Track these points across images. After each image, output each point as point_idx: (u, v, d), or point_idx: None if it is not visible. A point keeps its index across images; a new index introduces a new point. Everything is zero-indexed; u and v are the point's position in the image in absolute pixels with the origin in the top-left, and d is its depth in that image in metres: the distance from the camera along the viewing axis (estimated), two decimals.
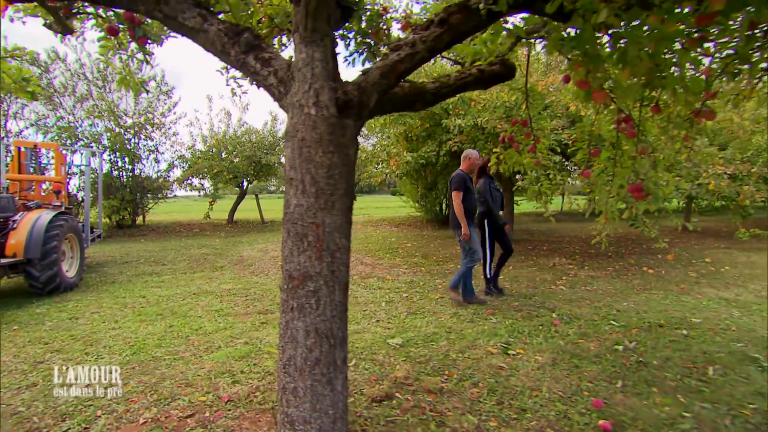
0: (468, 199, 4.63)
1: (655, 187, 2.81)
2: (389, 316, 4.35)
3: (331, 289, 1.68)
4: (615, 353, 3.21)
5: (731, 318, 4.12)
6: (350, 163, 1.75)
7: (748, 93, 2.98)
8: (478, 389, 2.65)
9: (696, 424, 2.26)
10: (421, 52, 1.87)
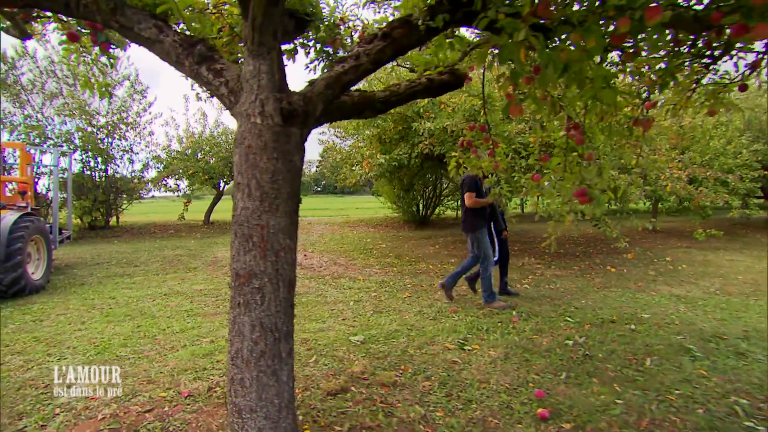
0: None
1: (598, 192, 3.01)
2: (355, 314, 4.46)
3: (276, 286, 1.79)
4: (565, 348, 3.39)
5: (677, 313, 4.37)
6: (295, 168, 1.87)
7: (683, 103, 3.19)
8: (430, 382, 2.79)
9: (625, 410, 2.44)
10: (364, 64, 1.99)
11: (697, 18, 2.00)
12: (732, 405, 2.49)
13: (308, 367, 3.03)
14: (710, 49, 2.56)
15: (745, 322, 4.04)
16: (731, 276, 6.50)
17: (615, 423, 2.29)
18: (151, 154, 12.57)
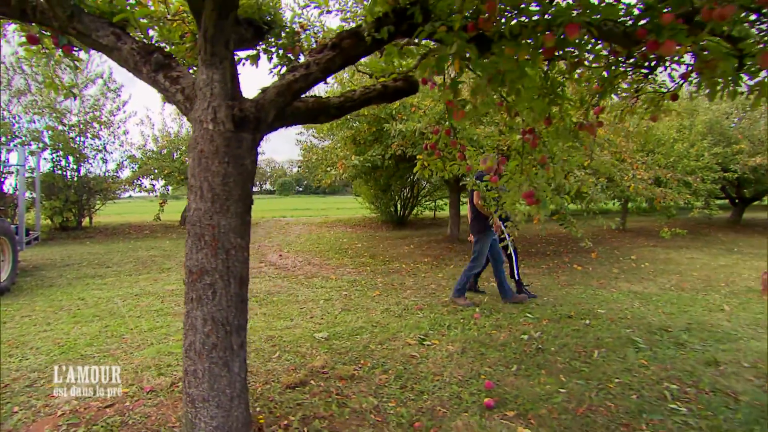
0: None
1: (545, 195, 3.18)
2: (324, 312, 4.57)
3: (227, 282, 1.89)
4: (520, 342, 3.56)
5: (631, 308, 4.59)
6: (246, 172, 1.97)
7: (629, 110, 3.39)
8: (386, 375, 2.91)
9: (567, 398, 2.60)
10: (314, 73, 2.11)
11: (626, 33, 2.16)
12: (663, 390, 2.68)
13: (271, 362, 3.12)
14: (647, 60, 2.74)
15: (690, 315, 4.28)
16: (687, 273, 6.81)
17: (555, 410, 2.45)
18: (125, 153, 12.43)
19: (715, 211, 11.36)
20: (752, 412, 2.42)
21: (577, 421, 2.35)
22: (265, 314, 4.53)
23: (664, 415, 2.39)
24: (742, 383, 2.78)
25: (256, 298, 5.25)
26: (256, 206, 8.86)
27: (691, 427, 2.28)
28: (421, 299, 5.04)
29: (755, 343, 3.52)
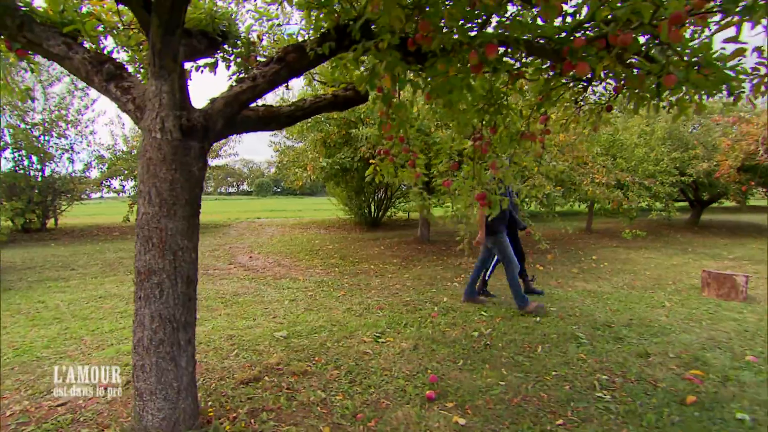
0: None
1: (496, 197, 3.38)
2: (287, 312, 4.67)
3: (174, 282, 2.00)
4: (470, 338, 3.75)
5: (582, 306, 4.84)
6: (194, 178, 2.08)
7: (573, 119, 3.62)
8: (338, 371, 3.05)
9: (505, 389, 2.79)
10: (261, 84, 2.23)
11: (554, 51, 2.36)
12: (594, 381, 2.89)
13: (228, 360, 3.22)
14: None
15: (634, 312, 4.55)
16: (641, 272, 7.14)
17: (491, 401, 2.64)
18: (94, 153, 12.21)
19: (673, 212, 11.89)
20: (666, 397, 2.65)
21: (509, 410, 2.53)
22: (229, 314, 4.61)
23: (589, 403, 2.60)
24: (664, 372, 3.03)
25: (222, 299, 5.32)
26: (230, 207, 9.20)
27: (610, 412, 2.49)
28: (383, 299, 5.19)
29: (685, 335, 3.79)
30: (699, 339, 3.73)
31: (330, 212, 20.36)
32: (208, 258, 8.44)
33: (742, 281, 5.09)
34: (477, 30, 2.36)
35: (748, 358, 3.30)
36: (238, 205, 34.36)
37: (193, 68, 3.08)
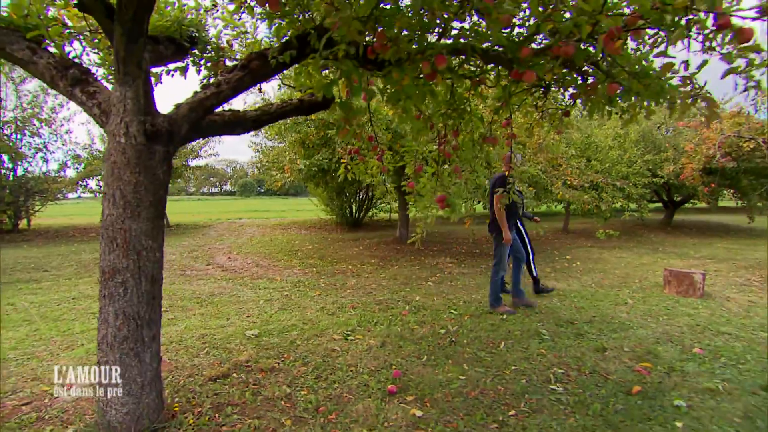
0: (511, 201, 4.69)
1: (455, 200, 3.51)
2: (261, 312, 4.74)
3: (138, 281, 2.07)
4: (437, 335, 3.87)
5: (549, 304, 5.01)
6: (158, 181, 2.15)
7: (536, 123, 3.77)
8: (305, 367, 3.14)
9: (465, 383, 2.92)
10: (225, 91, 2.32)
11: (509, 60, 2.49)
12: (550, 374, 3.04)
13: (198, 358, 3.29)
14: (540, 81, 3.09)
15: (597, 309, 4.74)
16: (611, 271, 7.37)
17: (450, 394, 2.76)
18: (70, 153, 12.04)
19: (646, 213, 12.24)
20: (614, 388, 2.81)
21: (466, 402, 2.65)
22: (203, 314, 4.66)
23: (542, 395, 2.74)
24: (616, 365, 3.19)
25: (197, 300, 5.36)
26: (212, 208, 9.28)
27: (561, 403, 2.63)
28: (357, 298, 5.29)
29: (642, 330, 3.98)
30: (654, 333, 3.92)
31: (313, 213, 20.42)
32: (186, 259, 8.43)
33: (700, 278, 5.33)
34: (437, 39, 2.49)
35: (696, 350, 3.49)
36: (221, 206, 34.08)
37: (164, 72, 3.15)
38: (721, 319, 4.38)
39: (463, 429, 2.34)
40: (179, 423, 2.27)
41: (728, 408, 2.58)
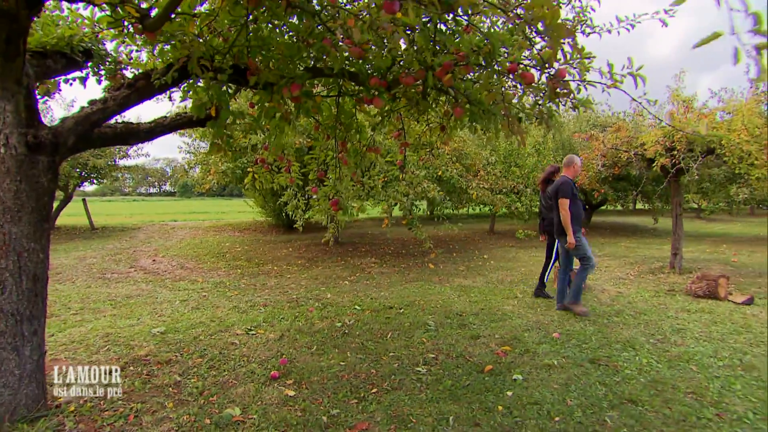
0: (576, 205, 4.72)
1: (346, 203, 3.90)
2: (174, 312, 4.90)
3: (18, 279, 2.27)
4: (333, 328, 4.24)
5: (448, 299, 5.52)
6: (41, 188, 2.36)
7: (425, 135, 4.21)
8: (201, 359, 3.40)
9: (343, 368, 3.29)
10: (111, 107, 2.55)
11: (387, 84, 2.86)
12: (421, 359, 3.48)
13: (97, 354, 3.45)
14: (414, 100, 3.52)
15: (488, 302, 5.30)
16: (517, 269, 8.07)
17: (326, 377, 3.12)
18: None
19: None
20: (471, 368, 3.29)
21: (338, 384, 3.03)
22: (114, 315, 4.76)
23: (407, 375, 3.16)
24: (482, 349, 3.69)
25: (112, 302, 5.41)
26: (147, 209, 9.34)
27: (421, 382, 3.07)
28: (272, 297, 5.56)
29: (518, 320, 4.54)
30: (527, 323, 4.49)
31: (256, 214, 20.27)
32: (107, 262, 8.30)
33: None
34: (314, 63, 2.85)
35: (555, 335, 4.07)
36: (157, 207, 32.84)
37: (62, 80, 3.31)
38: (589, 308, 5.05)
39: (326, 404, 2.71)
40: (60, 411, 2.47)
41: (555, 378, 3.12)
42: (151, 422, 2.43)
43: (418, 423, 2.50)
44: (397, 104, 3.49)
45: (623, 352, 3.67)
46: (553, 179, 5.47)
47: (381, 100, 2.62)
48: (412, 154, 5.94)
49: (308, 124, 5.55)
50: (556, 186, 4.83)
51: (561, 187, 4.74)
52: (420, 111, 3.06)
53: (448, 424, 2.48)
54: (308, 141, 6.17)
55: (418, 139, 4.49)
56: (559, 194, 4.72)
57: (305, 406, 2.67)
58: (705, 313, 4.81)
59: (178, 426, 2.40)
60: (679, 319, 4.59)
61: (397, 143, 4.35)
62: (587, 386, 3.00)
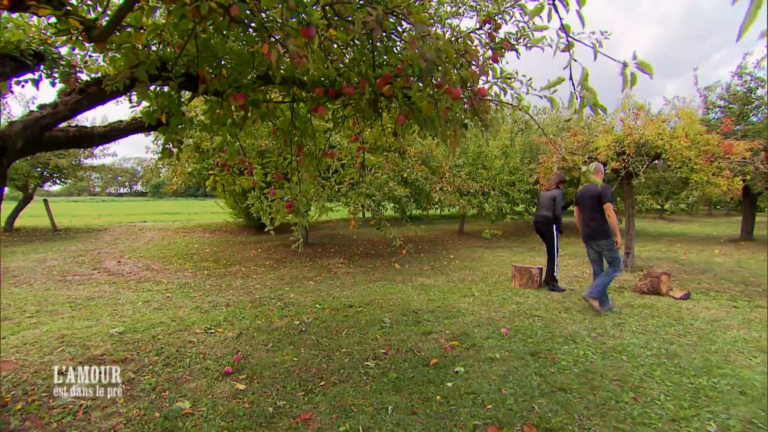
0: None
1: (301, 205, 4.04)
2: (135, 312, 4.93)
3: None
4: (291, 326, 4.36)
5: (407, 298, 5.70)
6: None
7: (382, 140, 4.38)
8: (158, 357, 3.48)
9: (295, 364, 3.43)
10: (62, 112, 2.63)
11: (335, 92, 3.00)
12: (371, 353, 3.65)
13: (50, 355, 3.49)
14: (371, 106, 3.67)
15: (445, 300, 5.51)
16: (480, 268, 8.33)
17: (278, 372, 3.25)
18: None
19: (527, 216, 13.69)
20: (418, 361, 3.47)
21: (288, 378, 3.16)
22: (73, 317, 4.76)
23: (355, 369, 3.32)
24: (432, 345, 3.88)
25: (71, 304, 5.39)
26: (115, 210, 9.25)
27: (367, 375, 3.23)
28: (236, 297, 5.64)
29: (471, 317, 4.76)
30: (479, 319, 4.71)
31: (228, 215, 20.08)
32: (69, 264, 8.18)
33: (537, 273, 6.34)
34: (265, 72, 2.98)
35: (503, 330, 4.30)
36: (127, 208, 32.09)
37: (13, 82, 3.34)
38: (540, 305, 5.31)
39: (274, 397, 2.84)
40: (7, 410, 2.53)
41: (495, 370, 3.33)
42: (99, 417, 2.51)
43: (359, 412, 2.66)
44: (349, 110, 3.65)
45: (564, 345, 3.91)
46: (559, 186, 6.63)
47: (325, 109, 2.77)
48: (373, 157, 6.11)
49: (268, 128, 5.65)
50: (599, 192, 4.99)
51: (605, 192, 4.94)
52: (366, 118, 3.22)
53: (387, 413, 2.65)
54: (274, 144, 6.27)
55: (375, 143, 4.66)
56: (604, 199, 4.93)
57: (254, 399, 2.80)
58: (646, 308, 5.13)
59: (126, 420, 2.50)
60: (621, 314, 4.89)
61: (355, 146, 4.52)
62: (524, 377, 3.22)
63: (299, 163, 3.99)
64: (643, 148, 6.83)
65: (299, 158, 3.99)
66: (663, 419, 2.63)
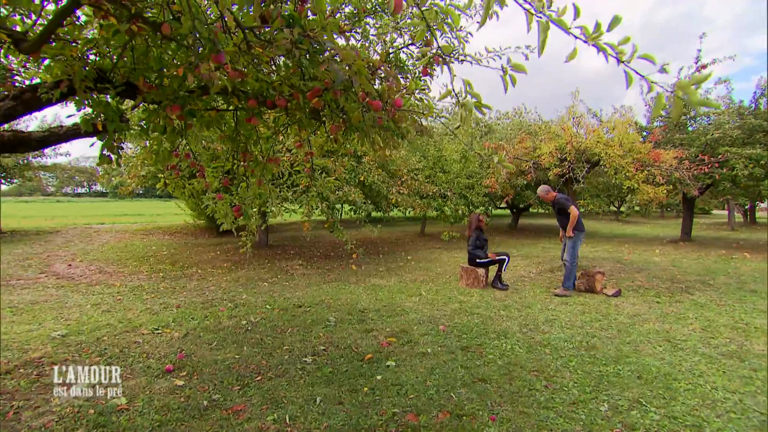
0: None
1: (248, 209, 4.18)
2: (81, 315, 4.94)
3: None
4: (238, 326, 4.49)
5: (357, 298, 5.91)
6: None
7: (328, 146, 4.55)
8: (100, 358, 3.56)
9: (237, 361, 3.57)
10: None
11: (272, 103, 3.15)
12: (311, 350, 3.83)
13: None
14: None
15: (392, 300, 5.74)
16: (433, 269, 8.62)
17: (218, 368, 3.40)
18: None
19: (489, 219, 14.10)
20: (353, 357, 3.68)
21: (227, 374, 3.31)
22: (14, 321, 4.72)
23: (293, 365, 3.50)
24: (370, 341, 4.10)
25: (13, 309, 5.32)
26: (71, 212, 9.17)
27: (304, 371, 3.41)
28: (188, 299, 5.70)
29: (414, 315, 5.00)
30: (421, 317, 4.96)
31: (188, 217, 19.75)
32: (14, 268, 7.98)
33: (482, 273, 6.67)
34: None
35: (441, 327, 4.56)
36: (84, 209, 31.00)
37: None
38: (482, 304, 5.62)
39: (211, 391, 2.99)
40: None
41: (425, 364, 3.57)
42: (30, 417, 2.60)
43: (288, 403, 2.84)
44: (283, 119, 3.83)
45: (495, 340, 4.20)
46: None
47: (258, 119, 2.95)
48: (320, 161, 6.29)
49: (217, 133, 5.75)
50: (562, 201, 6.37)
51: (567, 199, 6.46)
52: (303, 127, 3.40)
53: (315, 404, 2.85)
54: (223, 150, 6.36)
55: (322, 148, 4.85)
56: (568, 204, 6.33)
57: (190, 394, 2.94)
58: (578, 305, 5.51)
59: (59, 418, 2.60)
60: (555, 311, 5.25)
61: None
62: (450, 370, 3.48)
63: (246, 168, 4.13)
64: (583, 155, 7.28)
65: (245, 164, 4.14)
66: (565, 403, 2.93)
